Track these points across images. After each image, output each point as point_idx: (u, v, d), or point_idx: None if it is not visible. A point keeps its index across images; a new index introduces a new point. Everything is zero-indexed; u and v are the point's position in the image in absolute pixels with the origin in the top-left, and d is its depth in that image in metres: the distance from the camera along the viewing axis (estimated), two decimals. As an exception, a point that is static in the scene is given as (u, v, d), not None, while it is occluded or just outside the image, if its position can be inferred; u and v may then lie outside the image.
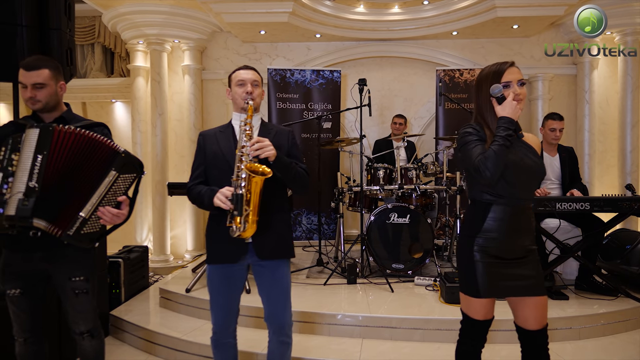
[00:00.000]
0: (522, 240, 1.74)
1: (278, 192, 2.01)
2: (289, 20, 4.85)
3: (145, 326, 3.17)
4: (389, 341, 2.88)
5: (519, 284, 1.72)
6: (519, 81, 1.71)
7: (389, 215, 3.82)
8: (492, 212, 1.74)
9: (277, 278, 2.00)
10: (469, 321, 1.82)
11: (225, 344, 2.09)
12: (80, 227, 1.80)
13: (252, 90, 1.99)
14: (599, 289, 3.37)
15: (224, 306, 2.03)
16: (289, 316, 2.06)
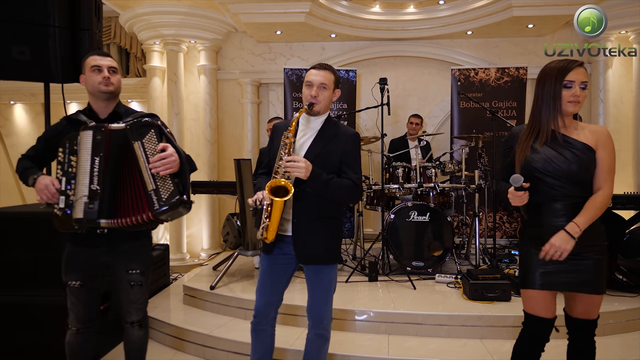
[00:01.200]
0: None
1: (323, 199, 1.98)
2: (306, 21, 4.89)
3: (172, 323, 3.21)
4: (415, 337, 2.92)
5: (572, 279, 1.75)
6: (582, 83, 1.71)
7: (409, 213, 3.85)
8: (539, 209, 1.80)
9: (320, 278, 2.05)
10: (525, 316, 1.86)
11: (264, 331, 2.13)
12: (159, 198, 1.84)
13: (316, 94, 1.96)
14: (619, 285, 3.40)
15: (267, 292, 2.08)
16: (329, 311, 2.10)
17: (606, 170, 1.75)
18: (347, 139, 2.02)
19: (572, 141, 1.77)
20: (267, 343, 2.16)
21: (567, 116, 1.77)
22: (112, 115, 2.02)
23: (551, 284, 1.76)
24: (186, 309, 3.59)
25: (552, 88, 1.73)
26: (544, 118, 1.77)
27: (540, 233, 1.78)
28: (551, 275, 1.75)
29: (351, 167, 2.00)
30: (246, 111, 5.67)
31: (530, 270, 1.79)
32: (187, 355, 3.06)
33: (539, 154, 1.77)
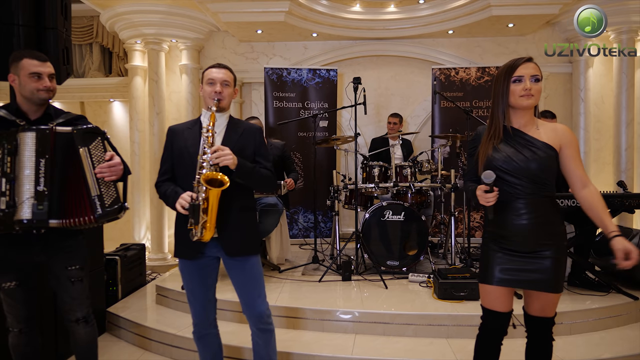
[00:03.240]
0: (536, 235, 1.75)
1: (243, 192, 2.03)
2: (286, 20, 4.88)
3: (141, 322, 3.20)
4: (382, 336, 2.91)
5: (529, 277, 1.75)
6: (533, 76, 1.72)
7: (384, 212, 3.84)
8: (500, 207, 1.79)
9: (247, 270, 2.05)
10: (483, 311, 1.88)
11: (208, 335, 2.14)
12: (102, 204, 1.89)
13: (221, 90, 1.99)
14: (591, 285, 3.40)
15: (201, 298, 2.07)
16: (265, 305, 2.10)
17: (581, 165, 1.78)
18: (256, 132, 2.12)
19: (532, 139, 1.77)
20: (215, 344, 2.19)
21: (523, 111, 1.77)
22: (44, 117, 2.00)
23: (509, 281, 1.78)
24: (158, 308, 3.58)
25: (502, 85, 1.76)
26: (500, 116, 1.79)
27: (501, 231, 1.79)
28: (509, 272, 1.76)
29: (265, 158, 2.10)
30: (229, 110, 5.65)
31: (489, 266, 1.80)
32: (155, 355, 3.05)
33: (499, 152, 1.78)
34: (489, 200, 1.72)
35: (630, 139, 5.11)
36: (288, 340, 2.87)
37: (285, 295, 3.34)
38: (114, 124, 6.10)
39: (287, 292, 3.44)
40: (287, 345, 2.76)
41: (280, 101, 5.30)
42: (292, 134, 5.33)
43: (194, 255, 2.01)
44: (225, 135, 2.05)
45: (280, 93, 5.29)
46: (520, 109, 1.76)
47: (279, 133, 5.32)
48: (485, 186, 1.71)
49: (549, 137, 1.75)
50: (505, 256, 1.77)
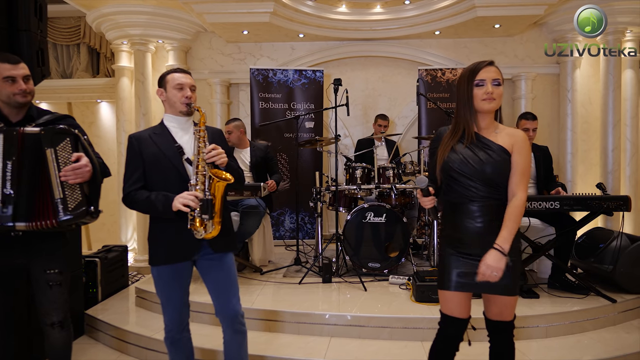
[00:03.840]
0: (487, 240, 1.73)
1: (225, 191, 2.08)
2: (271, 20, 4.86)
3: (118, 325, 3.19)
4: (357, 340, 2.90)
5: (486, 282, 1.72)
6: (494, 80, 1.72)
7: (366, 214, 3.83)
8: (455, 210, 1.79)
9: (225, 268, 2.06)
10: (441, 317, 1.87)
11: (181, 339, 2.13)
12: (65, 207, 1.86)
13: (191, 95, 2.02)
14: (571, 287, 3.38)
15: (178, 303, 2.07)
16: (240, 305, 2.10)
17: (520, 173, 1.75)
18: (219, 135, 2.16)
19: (488, 142, 1.77)
20: (187, 348, 2.17)
21: (484, 114, 1.77)
22: (25, 119, 2.00)
23: (466, 286, 1.77)
24: (138, 311, 3.57)
25: (465, 89, 1.76)
26: (462, 119, 1.79)
27: (456, 234, 1.79)
28: (466, 277, 1.75)
29: (231, 157, 2.09)
30: (215, 111, 5.65)
31: (446, 271, 1.79)
32: (131, 358, 3.04)
33: (456, 154, 1.78)
34: (426, 204, 1.78)
35: (617, 140, 5.10)
36: (262, 343, 2.85)
37: (263, 298, 3.33)
38: (101, 124, 6.08)
39: (266, 294, 3.43)
40: (260, 349, 2.75)
41: (266, 102, 5.29)
42: (278, 135, 5.31)
43: (175, 259, 2.00)
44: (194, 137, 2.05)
45: (266, 94, 5.28)
46: (482, 112, 1.76)
47: (265, 134, 5.31)
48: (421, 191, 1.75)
49: (505, 141, 1.76)
50: (461, 260, 1.76)
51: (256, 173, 4.11)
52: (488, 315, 1.84)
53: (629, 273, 3.28)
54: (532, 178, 3.73)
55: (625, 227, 5.22)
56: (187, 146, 2.03)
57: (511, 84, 5.61)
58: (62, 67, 6.04)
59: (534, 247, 3.34)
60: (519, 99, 5.52)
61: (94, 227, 6.15)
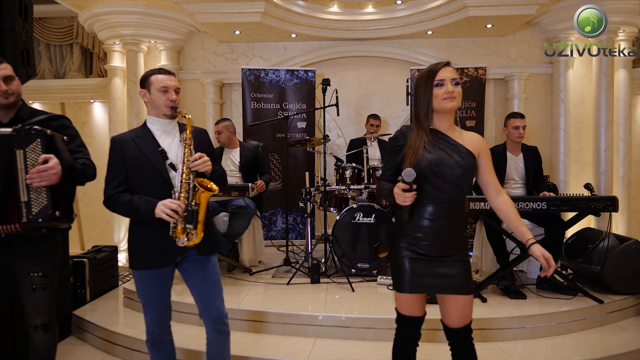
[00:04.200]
0: (447, 240, 1.77)
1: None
2: (262, 20, 4.86)
3: (105, 326, 3.18)
4: (342, 340, 2.90)
5: (441, 282, 1.75)
6: (453, 80, 1.73)
7: (355, 215, 3.83)
8: (416, 212, 1.76)
9: (208, 270, 2.05)
10: (398, 317, 1.87)
11: (163, 341, 2.12)
12: (29, 211, 1.83)
13: (176, 98, 2.00)
14: (559, 288, 3.38)
15: (159, 306, 2.06)
16: (222, 304, 2.10)
17: (494, 174, 1.83)
18: (205, 135, 2.15)
19: (458, 145, 1.78)
20: (169, 350, 2.16)
21: (446, 115, 1.78)
22: (14, 120, 1.98)
23: (422, 287, 1.77)
24: (126, 311, 3.56)
25: (425, 90, 1.76)
26: (424, 119, 1.78)
27: (417, 234, 1.76)
28: (421, 278, 1.75)
29: (215, 159, 2.09)
30: (208, 111, 5.64)
31: (403, 273, 1.77)
32: (116, 359, 3.03)
33: (431, 154, 1.76)
34: (406, 200, 1.66)
35: (610, 140, 5.09)
36: (247, 343, 2.85)
37: (251, 298, 3.33)
38: (94, 124, 6.08)
39: (253, 295, 3.43)
40: (244, 349, 2.75)
41: (258, 102, 5.28)
42: (270, 135, 5.31)
43: (158, 264, 1.98)
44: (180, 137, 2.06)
45: (258, 94, 5.27)
46: (444, 112, 1.77)
47: (257, 134, 5.30)
48: (404, 185, 1.64)
49: (470, 145, 1.78)
50: (418, 261, 1.75)
51: (246, 173, 4.10)
52: (449, 323, 1.80)
53: (617, 274, 3.27)
54: (521, 178, 3.73)
55: (619, 227, 5.23)
56: (170, 150, 2.02)
57: (504, 84, 5.61)
58: (55, 67, 6.03)
59: (522, 247, 3.33)
60: (511, 99, 5.51)
61: (88, 228, 6.15)
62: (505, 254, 3.44)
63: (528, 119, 5.47)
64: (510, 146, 3.74)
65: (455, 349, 1.83)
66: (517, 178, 3.72)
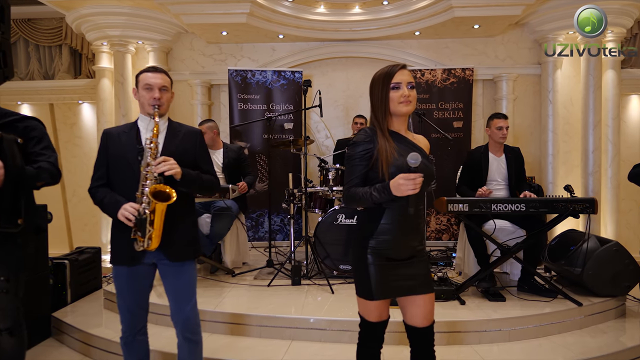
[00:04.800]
0: (412, 241, 1.77)
1: (185, 198, 2.04)
2: (248, 21, 4.84)
3: (82, 327, 3.18)
4: (318, 343, 2.88)
5: (407, 284, 1.75)
6: (409, 83, 1.73)
7: (337, 216, 3.82)
8: (385, 216, 1.75)
9: (182, 275, 2.04)
10: (364, 323, 1.84)
11: (136, 341, 2.12)
12: None
13: (160, 96, 1.99)
14: (539, 290, 3.36)
15: (132, 305, 2.06)
16: (195, 311, 2.08)
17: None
18: (196, 136, 2.12)
19: (419, 148, 1.79)
20: (141, 351, 2.15)
21: (401, 117, 1.77)
22: None
23: (391, 292, 1.75)
24: (105, 313, 3.56)
25: (380, 92, 1.75)
26: (381, 122, 1.76)
27: (385, 238, 1.73)
28: (389, 283, 1.73)
29: (204, 161, 2.10)
30: (196, 112, 5.63)
31: (368, 280, 1.73)
32: (92, 361, 3.03)
33: (403, 157, 1.74)
34: (417, 186, 1.58)
35: (598, 140, 5.06)
36: (223, 346, 2.84)
37: (230, 300, 3.32)
38: (83, 125, 6.07)
39: (233, 296, 3.42)
40: (220, 352, 2.74)
41: (244, 103, 5.27)
42: (258, 136, 5.30)
43: (132, 262, 1.99)
44: (166, 140, 2.06)
45: (245, 95, 5.26)
46: (399, 115, 1.75)
47: (244, 136, 5.30)
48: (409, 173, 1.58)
49: (423, 147, 1.83)
50: (385, 267, 1.72)
51: (229, 174, 4.09)
52: (415, 323, 1.77)
53: (597, 276, 3.26)
54: (503, 179, 3.71)
55: (607, 229, 5.21)
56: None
57: (492, 85, 5.58)
58: (44, 68, 6.03)
59: (502, 249, 3.32)
60: (500, 99, 5.48)
61: (77, 229, 6.15)
62: (486, 256, 3.42)
63: (517, 120, 5.52)
64: (492, 147, 3.72)
65: (417, 349, 1.81)
66: (499, 179, 3.70)
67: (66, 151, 6.14)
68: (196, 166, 2.09)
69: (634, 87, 5.54)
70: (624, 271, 3.28)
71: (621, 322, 3.27)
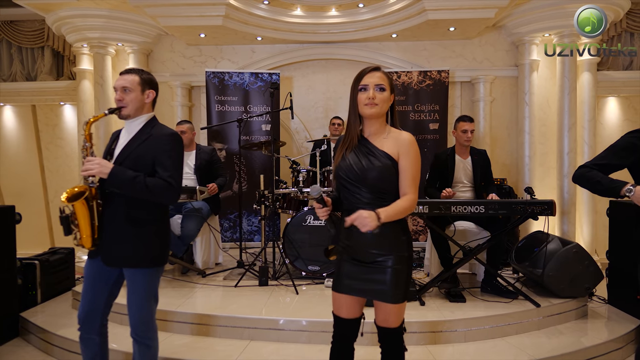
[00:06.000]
0: (369, 246, 1.75)
1: (132, 203, 2.01)
2: (224, 24, 4.88)
3: (46, 327, 3.21)
4: (275, 343, 2.92)
5: (369, 287, 1.76)
6: (378, 86, 1.72)
7: (305, 217, 3.85)
8: (344, 216, 1.79)
9: (132, 283, 2.06)
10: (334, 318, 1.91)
11: (88, 340, 2.13)
12: None
13: (121, 98, 2.02)
14: (501, 291, 3.39)
15: (88, 302, 2.09)
16: (145, 319, 2.09)
17: (410, 178, 1.76)
18: (162, 139, 2.04)
19: (373, 148, 1.77)
20: (92, 351, 2.16)
21: (371, 119, 1.77)
22: None
23: (354, 290, 1.80)
24: (72, 313, 3.58)
25: (352, 95, 1.78)
26: (351, 124, 1.80)
27: (347, 241, 1.80)
28: (355, 281, 1.78)
29: (163, 166, 2.00)
30: (176, 114, 5.67)
31: (339, 274, 1.83)
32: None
33: (345, 161, 1.79)
34: (322, 215, 1.74)
35: (573, 142, 5.09)
36: (182, 346, 2.87)
37: (195, 301, 3.35)
38: (65, 127, 6.11)
39: (199, 297, 3.46)
40: (176, 352, 2.77)
41: (222, 105, 5.31)
42: (235, 138, 5.33)
43: (93, 255, 2.06)
44: (128, 143, 2.06)
45: (223, 97, 5.30)
46: (366, 117, 1.77)
47: (222, 137, 5.33)
48: (316, 203, 1.70)
49: (390, 146, 1.75)
50: (353, 266, 1.79)
51: (200, 176, 4.12)
52: (376, 322, 1.85)
53: (557, 277, 3.29)
54: (469, 181, 3.74)
55: (584, 230, 5.24)
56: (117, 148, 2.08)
57: (470, 87, 5.61)
58: (27, 69, 6.07)
59: (464, 251, 3.35)
60: (477, 101, 5.51)
61: (59, 229, 6.17)
62: (449, 258, 3.45)
63: (494, 122, 5.55)
64: (458, 149, 3.75)
65: (386, 349, 1.86)
66: (465, 181, 3.73)
67: (48, 152, 6.18)
68: (155, 170, 2.02)
69: (611, 89, 5.56)
70: (583, 273, 3.31)
71: (582, 323, 3.30)
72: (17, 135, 6.29)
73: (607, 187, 2.07)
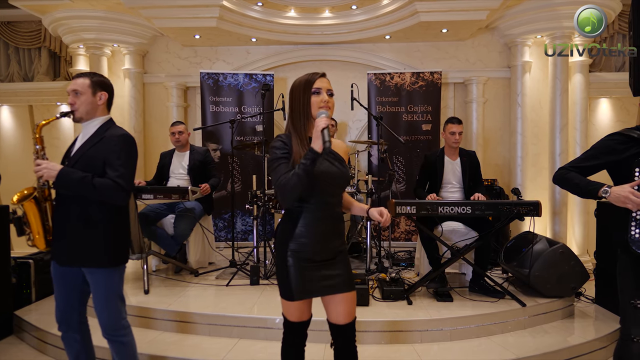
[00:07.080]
0: (332, 243, 1.84)
1: (85, 203, 2.02)
2: (219, 25, 4.92)
3: (39, 325, 3.26)
4: (264, 341, 2.96)
5: (329, 283, 1.81)
6: (328, 91, 1.82)
7: (297, 217, 3.88)
8: (303, 218, 1.81)
9: (94, 283, 2.08)
10: (286, 323, 1.92)
11: (69, 338, 2.19)
12: None
13: (73, 102, 2.07)
14: (488, 291, 3.43)
15: (61, 300, 2.13)
16: (111, 317, 2.12)
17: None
18: (113, 140, 2.05)
19: (335, 153, 1.86)
20: (74, 349, 2.21)
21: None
22: None
23: (310, 293, 1.82)
24: (67, 311, 3.64)
25: (302, 97, 1.81)
26: (301, 127, 1.82)
27: (303, 241, 1.79)
28: (309, 284, 1.80)
29: (111, 166, 2.00)
30: (171, 114, 5.71)
31: (289, 282, 1.80)
32: (48, 357, 3.11)
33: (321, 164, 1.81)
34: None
35: (565, 143, 5.13)
36: (171, 343, 2.92)
37: (185, 300, 3.40)
38: (61, 127, 6.15)
39: (190, 296, 3.50)
40: (165, 349, 2.82)
41: (216, 105, 5.36)
42: (229, 138, 5.36)
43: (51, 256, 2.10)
44: (81, 145, 2.10)
45: (217, 97, 5.34)
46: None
47: (217, 138, 5.38)
48: None
49: (340, 151, 1.89)
50: (304, 268, 1.78)
51: (194, 177, 4.17)
52: (337, 320, 1.86)
53: (543, 277, 3.33)
54: (458, 182, 3.78)
55: (575, 230, 5.28)
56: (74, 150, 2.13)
57: (463, 88, 5.65)
58: (24, 70, 6.12)
59: (452, 251, 3.39)
60: (470, 102, 5.55)
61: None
62: (437, 257, 3.50)
63: (486, 123, 5.59)
64: (447, 151, 3.79)
65: (340, 346, 1.89)
66: (454, 182, 3.77)
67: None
68: (104, 171, 2.02)
69: (603, 90, 5.59)
70: (570, 273, 3.35)
71: (568, 322, 3.35)
72: (14, 135, 6.34)
73: (585, 189, 2.11)
